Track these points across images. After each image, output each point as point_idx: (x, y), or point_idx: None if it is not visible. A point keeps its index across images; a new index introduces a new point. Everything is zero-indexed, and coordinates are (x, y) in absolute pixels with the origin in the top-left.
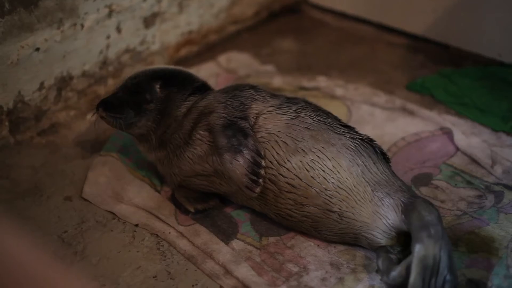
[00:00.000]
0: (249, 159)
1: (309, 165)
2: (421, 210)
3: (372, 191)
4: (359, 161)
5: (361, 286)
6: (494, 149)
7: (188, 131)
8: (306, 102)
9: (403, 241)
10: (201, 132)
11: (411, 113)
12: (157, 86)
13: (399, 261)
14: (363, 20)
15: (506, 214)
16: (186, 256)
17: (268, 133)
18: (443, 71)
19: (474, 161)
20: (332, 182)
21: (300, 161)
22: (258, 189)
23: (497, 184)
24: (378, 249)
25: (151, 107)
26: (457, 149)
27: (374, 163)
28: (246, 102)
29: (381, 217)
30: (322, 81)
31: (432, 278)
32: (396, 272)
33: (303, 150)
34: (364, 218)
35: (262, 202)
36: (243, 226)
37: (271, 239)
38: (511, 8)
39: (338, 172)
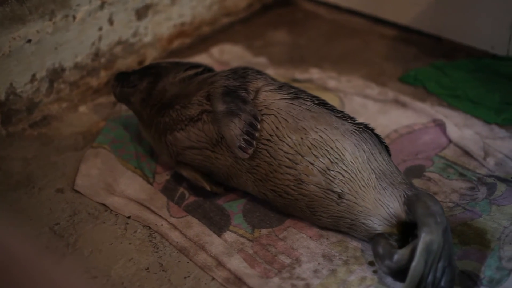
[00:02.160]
0: (245, 121)
1: (311, 143)
2: (426, 201)
3: (376, 179)
4: (365, 147)
5: (353, 277)
6: (486, 141)
7: (188, 95)
8: (306, 91)
9: (401, 230)
10: (200, 97)
11: (403, 105)
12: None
13: (398, 248)
14: (356, 13)
15: (498, 206)
16: (178, 248)
17: (268, 108)
18: (436, 63)
19: (466, 153)
20: (336, 163)
21: (301, 138)
22: (250, 151)
23: (490, 176)
24: (376, 236)
25: (152, 72)
26: (450, 141)
27: (379, 153)
28: (247, 78)
29: (383, 205)
30: (314, 73)
31: (433, 264)
32: (400, 255)
33: (304, 129)
34: (366, 204)
35: (258, 177)
36: (236, 218)
37: (264, 231)
38: (504, 0)
39: (342, 154)
